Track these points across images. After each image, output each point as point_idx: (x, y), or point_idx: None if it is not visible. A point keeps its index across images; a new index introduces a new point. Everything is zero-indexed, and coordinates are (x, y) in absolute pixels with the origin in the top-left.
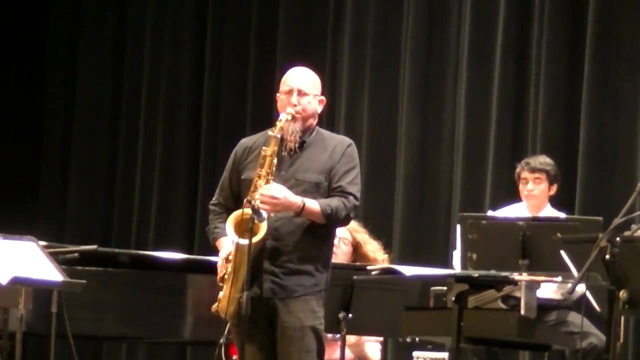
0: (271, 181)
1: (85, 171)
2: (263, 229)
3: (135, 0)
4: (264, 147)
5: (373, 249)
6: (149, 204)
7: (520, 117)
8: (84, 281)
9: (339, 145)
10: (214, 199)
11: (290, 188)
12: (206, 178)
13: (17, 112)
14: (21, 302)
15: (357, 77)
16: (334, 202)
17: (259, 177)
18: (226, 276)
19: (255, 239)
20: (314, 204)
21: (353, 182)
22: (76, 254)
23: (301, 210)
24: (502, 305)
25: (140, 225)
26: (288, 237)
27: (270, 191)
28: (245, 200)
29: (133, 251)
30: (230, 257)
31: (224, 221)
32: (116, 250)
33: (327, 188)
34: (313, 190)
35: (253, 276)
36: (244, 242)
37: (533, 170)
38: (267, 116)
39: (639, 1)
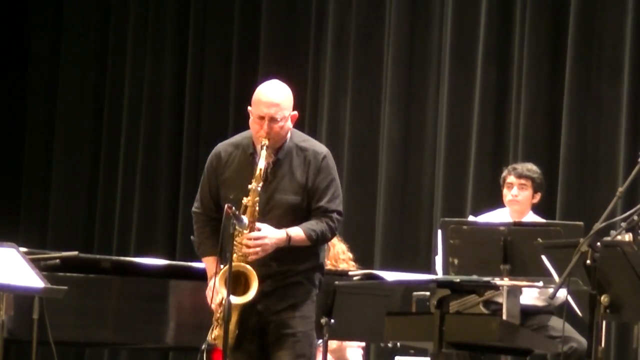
0: (255, 225)
1: (67, 177)
2: (254, 287)
3: (118, 7)
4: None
5: (343, 249)
6: (130, 210)
7: (501, 122)
8: (65, 287)
9: (313, 159)
10: (196, 205)
11: (270, 210)
12: (188, 184)
13: None
14: (2, 309)
15: (340, 83)
16: (319, 226)
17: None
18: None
19: (246, 299)
20: (298, 233)
21: (334, 197)
22: (57, 260)
23: (288, 242)
24: (484, 310)
25: (122, 231)
26: (276, 261)
27: (256, 238)
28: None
29: (115, 257)
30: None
31: (210, 236)
32: (98, 256)
33: (306, 207)
34: (291, 210)
35: (244, 310)
36: (236, 300)
37: (519, 175)
38: (248, 122)
39: (619, 6)
